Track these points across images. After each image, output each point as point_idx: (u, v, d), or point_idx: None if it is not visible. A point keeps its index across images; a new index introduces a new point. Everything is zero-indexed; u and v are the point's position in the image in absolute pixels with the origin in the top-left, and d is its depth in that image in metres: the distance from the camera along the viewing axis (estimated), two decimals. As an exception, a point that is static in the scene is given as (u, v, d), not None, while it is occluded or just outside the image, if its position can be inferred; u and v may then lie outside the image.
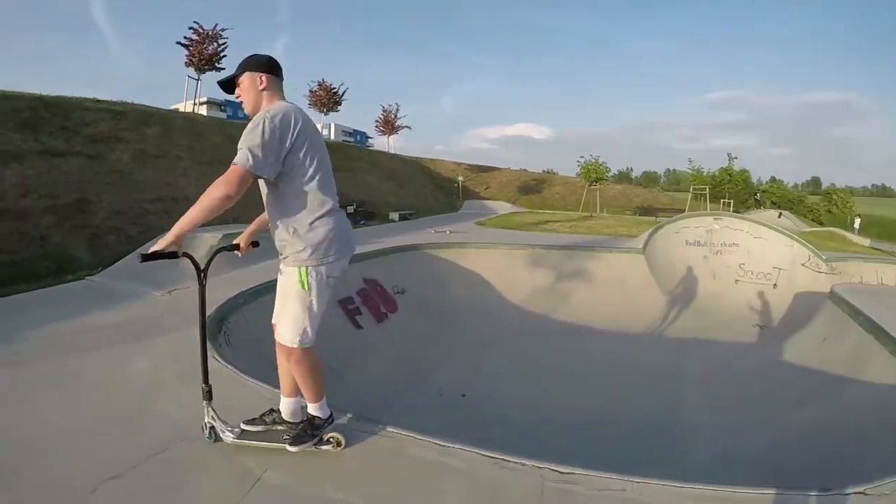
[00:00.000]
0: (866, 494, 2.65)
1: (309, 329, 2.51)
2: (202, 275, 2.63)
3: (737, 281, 10.79)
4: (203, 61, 26.15)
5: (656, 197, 48.59)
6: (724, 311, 9.55)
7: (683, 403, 5.77)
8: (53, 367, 3.99)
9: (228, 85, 2.62)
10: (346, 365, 5.65)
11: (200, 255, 6.57)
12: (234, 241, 2.89)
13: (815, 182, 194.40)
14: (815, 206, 56.21)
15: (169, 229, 2.30)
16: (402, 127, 42.82)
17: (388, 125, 41.93)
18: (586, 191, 34.12)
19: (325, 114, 36.48)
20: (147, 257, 2.22)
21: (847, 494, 2.65)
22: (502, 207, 31.44)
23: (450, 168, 42.36)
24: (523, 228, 17.67)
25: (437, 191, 33.87)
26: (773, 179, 75.21)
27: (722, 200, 30.20)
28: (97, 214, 9.77)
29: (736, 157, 44.98)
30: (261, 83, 2.54)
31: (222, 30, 26.61)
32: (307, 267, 2.47)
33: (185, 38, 26.19)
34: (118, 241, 9.38)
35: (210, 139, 16.58)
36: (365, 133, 58.37)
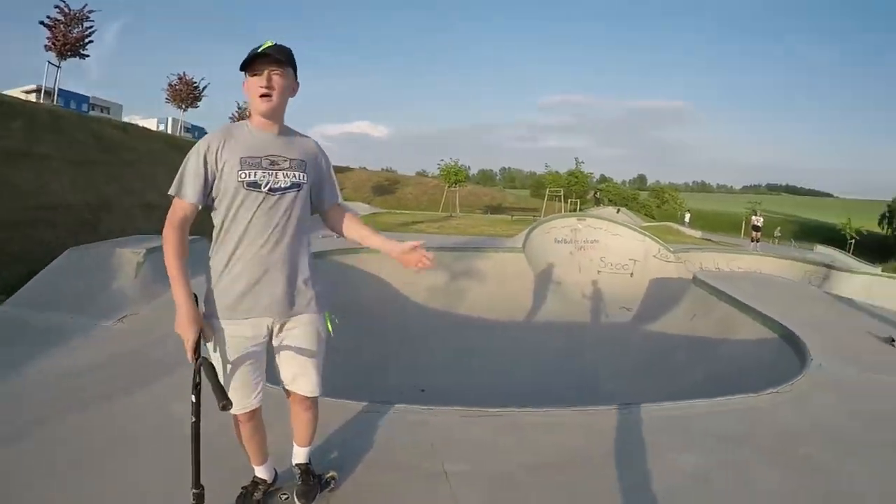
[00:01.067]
0: (779, 393, 3.86)
1: None
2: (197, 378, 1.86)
3: (599, 272, 11.88)
4: (67, 46, 23.14)
5: (503, 196, 51.32)
6: (593, 298, 10.50)
7: (592, 373, 6.35)
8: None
9: (260, 62, 1.96)
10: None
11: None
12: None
13: (642, 179, 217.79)
14: (646, 203, 62.89)
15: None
16: None
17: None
18: (446, 191, 35.33)
19: (184, 110, 34.39)
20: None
21: (767, 394, 3.82)
22: (361, 209, 31.21)
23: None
24: (392, 230, 17.86)
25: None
26: (603, 178, 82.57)
27: (569, 199, 32.78)
28: None
29: (583, 161, 49.18)
30: (296, 88, 2.11)
31: (90, 11, 23.57)
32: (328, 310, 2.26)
33: (48, 17, 22.85)
34: (10, 261, 8.06)
35: (74, 135, 14.91)
36: (204, 129, 54.94)
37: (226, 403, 1.75)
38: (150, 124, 40.28)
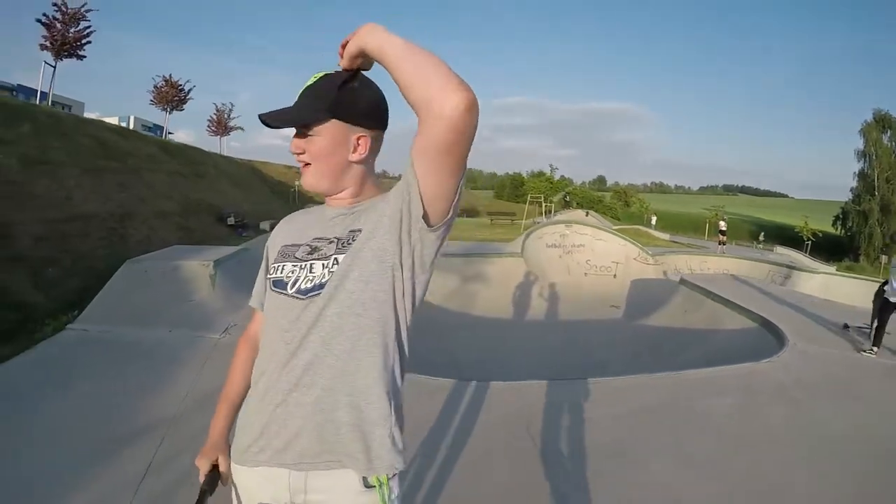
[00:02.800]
0: (771, 361, 5.41)
1: None
2: None
3: (586, 274, 13.06)
4: (65, 46, 22.24)
5: (475, 198, 52.33)
6: (583, 297, 11.60)
7: (599, 361, 7.41)
8: None
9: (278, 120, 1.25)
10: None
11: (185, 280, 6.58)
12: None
13: (601, 180, 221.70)
14: (612, 205, 64.72)
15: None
16: (235, 128, 39.98)
17: (221, 125, 38.92)
18: None
19: (170, 112, 33.86)
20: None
21: (764, 362, 5.37)
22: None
23: (281, 171, 39.89)
24: None
25: (273, 197, 31.39)
26: (563, 178, 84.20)
27: (543, 204, 33.96)
28: (20, 241, 8.17)
29: (557, 168, 50.64)
30: (357, 146, 1.28)
31: (87, 10, 22.64)
32: (395, 474, 1.27)
33: (44, 14, 21.81)
34: (62, 275, 7.96)
35: (79, 140, 14.48)
36: (161, 126, 54.15)
37: None
38: (112, 122, 39.98)
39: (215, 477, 1.36)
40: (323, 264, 1.22)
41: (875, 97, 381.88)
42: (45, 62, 23.06)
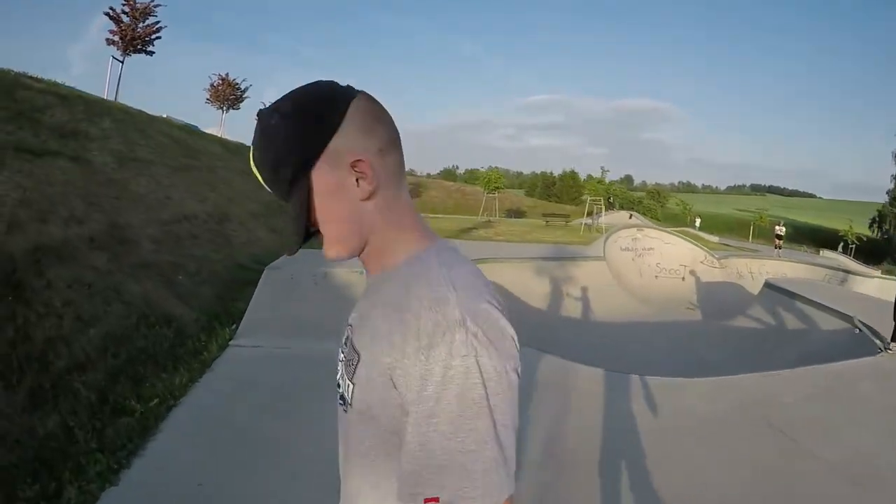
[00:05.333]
0: (885, 354, 5.94)
1: None
2: None
3: (656, 276, 13.85)
4: (133, 41, 22.26)
5: (509, 198, 52.79)
6: (659, 298, 12.38)
7: (702, 358, 8.21)
8: None
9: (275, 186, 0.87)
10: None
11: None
12: None
13: (629, 179, 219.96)
14: (651, 206, 64.80)
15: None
16: None
17: None
18: (485, 198, 37.17)
19: (226, 111, 34.52)
20: None
21: (882, 356, 5.91)
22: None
23: None
24: (455, 236, 19.06)
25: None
26: (590, 177, 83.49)
27: (598, 206, 34.48)
28: (142, 246, 7.60)
29: (608, 170, 51.02)
30: (364, 177, 0.83)
31: (156, 5, 22.67)
32: None
33: (111, 9, 21.74)
34: (192, 282, 7.65)
35: (155, 137, 13.99)
36: (194, 126, 55.04)
37: None
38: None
39: None
40: (348, 364, 0.87)
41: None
42: (113, 57, 22.64)
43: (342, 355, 0.92)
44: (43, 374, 4.25)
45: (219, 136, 26.56)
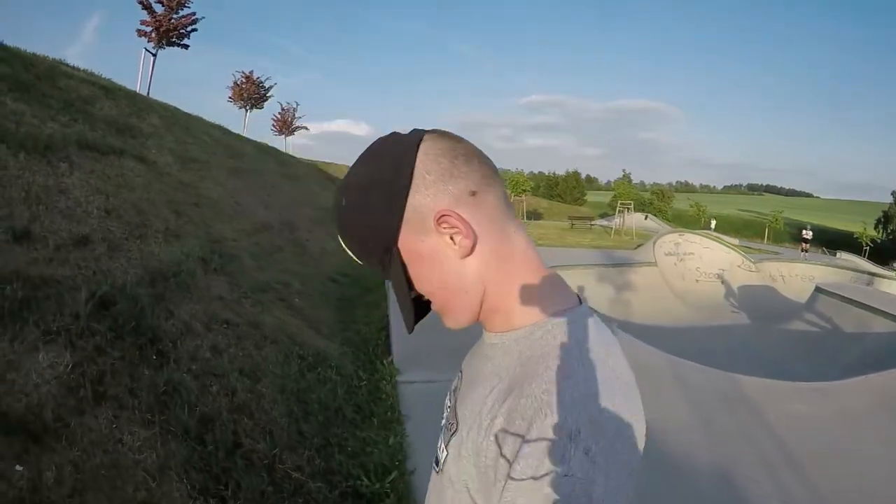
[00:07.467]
0: None
1: None
2: None
3: (697, 280, 14.57)
4: (168, 32, 21.64)
5: (537, 202, 53.21)
6: (701, 302, 13.14)
7: (759, 361, 8.93)
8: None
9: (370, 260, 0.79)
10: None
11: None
12: None
13: (627, 179, 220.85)
14: (662, 207, 65.29)
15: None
16: (300, 127, 40.12)
17: (286, 125, 38.80)
18: (512, 201, 37.60)
19: (249, 110, 33.65)
20: None
21: None
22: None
23: (344, 171, 39.86)
24: None
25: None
26: (588, 178, 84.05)
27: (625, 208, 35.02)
28: (244, 263, 6.85)
29: (630, 173, 51.40)
30: (458, 232, 0.72)
31: None
32: None
33: None
34: (306, 304, 6.86)
35: (199, 136, 12.97)
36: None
37: None
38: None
39: None
40: (448, 429, 0.79)
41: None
42: (146, 49, 21.76)
43: (445, 411, 0.85)
44: (249, 467, 2.93)
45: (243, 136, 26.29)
